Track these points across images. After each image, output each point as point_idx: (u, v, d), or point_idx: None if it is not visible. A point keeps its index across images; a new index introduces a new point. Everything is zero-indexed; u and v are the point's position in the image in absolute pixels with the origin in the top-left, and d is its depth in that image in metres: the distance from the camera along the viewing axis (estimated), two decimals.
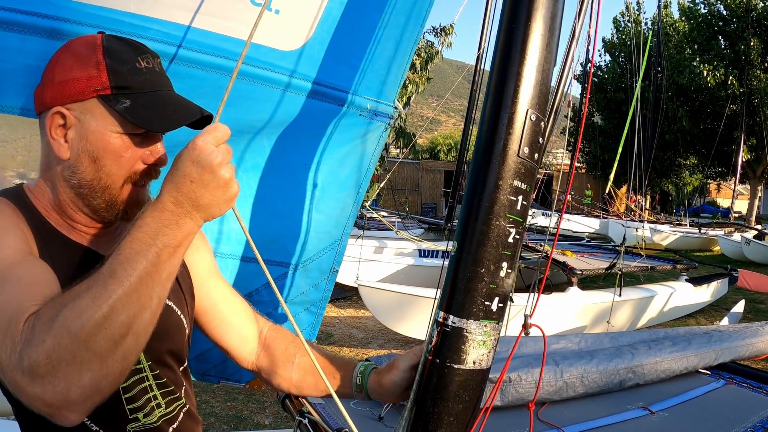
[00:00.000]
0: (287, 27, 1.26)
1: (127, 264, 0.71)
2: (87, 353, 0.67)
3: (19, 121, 1.08)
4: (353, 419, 2.12)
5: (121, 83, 0.86)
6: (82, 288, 0.69)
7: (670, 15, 22.82)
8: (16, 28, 0.98)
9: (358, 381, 1.09)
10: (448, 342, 0.85)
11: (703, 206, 33.10)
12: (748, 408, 2.69)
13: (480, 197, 0.85)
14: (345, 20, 1.34)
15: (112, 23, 1.03)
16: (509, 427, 2.34)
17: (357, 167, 1.57)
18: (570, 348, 3.31)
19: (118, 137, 0.87)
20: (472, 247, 0.85)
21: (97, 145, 0.87)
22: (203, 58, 1.16)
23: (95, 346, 0.67)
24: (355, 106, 1.44)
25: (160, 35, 1.09)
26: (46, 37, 0.99)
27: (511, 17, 0.87)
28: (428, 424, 0.88)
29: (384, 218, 11.14)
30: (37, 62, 0.98)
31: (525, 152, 0.86)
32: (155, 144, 0.92)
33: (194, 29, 1.14)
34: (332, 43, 1.34)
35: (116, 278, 0.70)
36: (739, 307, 6.61)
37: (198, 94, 1.15)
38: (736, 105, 20.05)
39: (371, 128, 1.52)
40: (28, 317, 0.69)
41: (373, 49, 1.41)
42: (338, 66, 1.37)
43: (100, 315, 0.67)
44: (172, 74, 1.10)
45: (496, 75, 0.87)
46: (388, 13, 1.38)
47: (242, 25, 1.19)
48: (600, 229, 16.98)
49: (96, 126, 0.87)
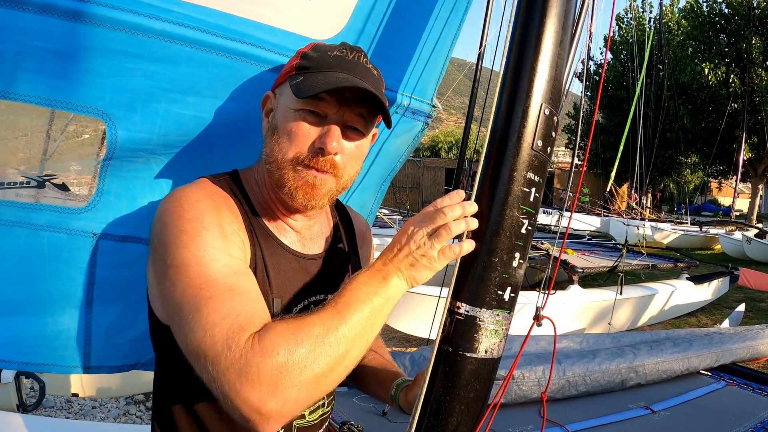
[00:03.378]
0: (321, 15, 1.17)
1: (351, 307, 0.79)
2: (314, 381, 0.73)
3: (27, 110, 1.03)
4: (358, 414, 2.13)
5: (304, 65, 0.95)
6: (317, 324, 0.76)
7: (673, 13, 22.77)
8: (34, 8, 0.91)
9: (392, 392, 1.15)
10: (460, 330, 0.86)
11: (704, 204, 33.08)
12: (748, 409, 2.71)
13: (494, 188, 0.87)
14: (381, 10, 1.24)
15: (123, 2, 0.96)
16: (513, 424, 2.36)
17: (385, 166, 1.48)
18: (572, 347, 3.33)
19: (293, 113, 0.93)
20: (486, 236, 0.86)
21: (279, 119, 0.95)
22: (228, 44, 1.06)
23: (324, 377, 0.74)
24: (396, 104, 1.34)
25: (182, 18, 1.00)
26: (68, 19, 0.93)
27: (527, 14, 0.89)
28: (440, 413, 0.90)
29: (385, 216, 11.15)
30: (56, 46, 0.95)
31: (538, 145, 0.87)
32: (330, 128, 0.92)
33: (219, 13, 1.04)
34: (367, 33, 1.25)
35: (346, 318, 0.77)
36: (740, 308, 6.62)
37: (223, 83, 1.10)
38: (737, 103, 20.05)
39: (407, 127, 1.41)
40: (255, 331, 0.74)
41: (412, 41, 1.31)
42: (373, 58, 1.24)
43: (337, 354, 0.75)
44: (193, 61, 1.05)
45: (512, 70, 0.89)
46: (428, 3, 1.30)
47: (272, 10, 1.10)
48: (601, 227, 16.98)
49: (282, 102, 0.96)
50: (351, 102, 0.92)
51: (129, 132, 1.06)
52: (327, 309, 0.78)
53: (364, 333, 0.79)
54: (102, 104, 1.02)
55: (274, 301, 0.96)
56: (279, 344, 0.71)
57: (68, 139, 1.14)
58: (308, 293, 1.02)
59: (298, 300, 1.00)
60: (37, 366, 1.21)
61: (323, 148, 0.91)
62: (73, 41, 0.96)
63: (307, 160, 0.92)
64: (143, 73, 1.02)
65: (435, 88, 1.43)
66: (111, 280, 1.17)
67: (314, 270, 1.04)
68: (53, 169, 1.11)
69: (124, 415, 3.74)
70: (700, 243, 15.89)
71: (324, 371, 0.73)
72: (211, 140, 1.16)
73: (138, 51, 1.00)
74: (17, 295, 1.13)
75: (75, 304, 1.17)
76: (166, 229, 0.85)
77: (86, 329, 1.20)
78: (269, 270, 0.96)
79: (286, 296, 0.98)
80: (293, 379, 0.70)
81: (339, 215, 1.19)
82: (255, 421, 0.70)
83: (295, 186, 0.93)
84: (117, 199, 1.13)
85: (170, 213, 0.87)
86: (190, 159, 1.16)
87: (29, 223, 1.08)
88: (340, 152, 0.94)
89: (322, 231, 1.10)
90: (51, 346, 1.19)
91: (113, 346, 1.24)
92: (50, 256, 1.11)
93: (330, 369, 0.74)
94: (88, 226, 1.12)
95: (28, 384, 3.39)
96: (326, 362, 0.73)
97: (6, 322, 1.14)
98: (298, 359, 0.71)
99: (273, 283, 0.96)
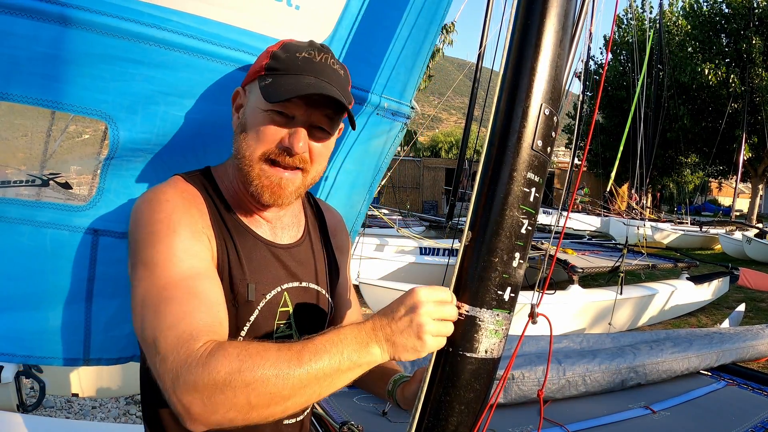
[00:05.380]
0: (307, 23, 1.25)
1: (315, 356, 0.77)
2: (247, 407, 0.75)
3: (31, 111, 1.08)
4: (358, 414, 2.14)
5: (273, 65, 0.97)
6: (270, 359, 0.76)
7: (673, 13, 22.76)
8: (27, 14, 0.96)
9: (389, 388, 1.16)
10: (461, 330, 0.87)
11: (704, 204, 33.08)
12: (748, 409, 2.71)
13: (494, 188, 0.87)
14: (365, 18, 1.32)
15: (128, 12, 1.02)
16: (512, 424, 2.35)
17: (371, 167, 1.56)
18: (572, 347, 3.33)
19: (261, 113, 0.96)
20: (486, 236, 0.87)
21: (248, 118, 0.99)
22: (223, 51, 1.14)
23: (257, 408, 0.75)
24: (373, 105, 1.42)
25: (181, 27, 1.08)
26: (57, 24, 0.98)
27: (527, 14, 0.89)
28: (439, 412, 0.90)
29: (385, 216, 11.16)
30: (48, 50, 0.99)
31: (538, 145, 0.87)
32: (298, 130, 0.96)
33: (215, 22, 1.12)
34: (352, 41, 1.32)
35: (302, 365, 0.76)
36: (740, 308, 6.62)
37: (217, 88, 1.16)
38: (737, 103, 20.04)
39: (388, 128, 1.50)
40: (208, 341, 0.78)
41: (393, 47, 1.39)
42: (358, 64, 1.34)
43: (278, 394, 0.75)
44: (190, 67, 1.11)
45: (511, 70, 0.89)
46: (407, 11, 1.37)
47: (263, 19, 1.18)
48: (601, 227, 16.98)
49: (251, 101, 0.99)
50: (318, 104, 0.96)
51: (130, 132, 1.11)
52: (291, 348, 0.78)
53: (317, 386, 0.78)
54: (105, 107, 1.08)
55: (249, 286, 0.99)
56: (223, 365, 0.74)
57: (69, 139, 1.18)
58: (281, 280, 1.05)
59: (271, 286, 1.03)
60: (38, 359, 1.24)
61: (290, 148, 0.95)
62: (80, 48, 1.02)
63: (275, 156, 0.97)
64: (144, 77, 1.09)
65: (413, 90, 1.52)
66: (110, 276, 1.20)
67: (286, 259, 1.07)
68: (56, 168, 1.14)
69: (124, 415, 3.74)
70: (700, 243, 15.88)
71: (260, 404, 0.75)
72: (206, 140, 1.22)
73: (140, 57, 1.07)
74: (20, 291, 1.16)
75: (75, 299, 1.20)
76: (137, 228, 0.91)
77: (86, 323, 1.23)
78: (242, 258, 0.99)
79: (260, 282, 1.02)
80: (226, 398, 0.73)
81: (311, 208, 1.23)
82: (184, 419, 0.76)
83: (261, 185, 0.98)
84: (117, 197, 1.17)
85: (142, 212, 0.92)
86: (185, 158, 1.21)
87: (33, 220, 1.12)
88: (307, 151, 0.98)
89: (294, 222, 1.14)
90: (52, 340, 1.22)
91: (112, 339, 1.27)
92: (52, 252, 1.14)
93: (266, 405, 0.75)
94: (90, 224, 1.16)
95: (28, 384, 3.39)
96: (264, 398, 0.75)
97: (9, 317, 1.17)
98: (237, 384, 0.73)
99: (247, 270, 1.00)
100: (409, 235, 9.71)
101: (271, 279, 1.04)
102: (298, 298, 1.08)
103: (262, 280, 1.02)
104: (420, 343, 0.81)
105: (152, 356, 0.80)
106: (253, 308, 1.00)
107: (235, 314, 0.98)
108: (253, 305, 1.00)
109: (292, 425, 1.12)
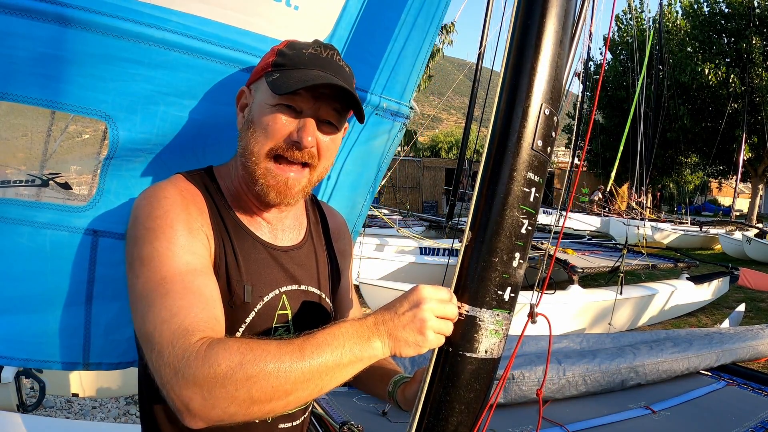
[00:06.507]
0: (306, 24, 1.25)
1: (317, 350, 0.77)
2: (248, 402, 0.74)
3: (31, 111, 1.08)
4: (358, 414, 2.14)
5: (280, 62, 0.98)
6: (272, 352, 0.76)
7: (673, 13, 22.76)
8: (26, 14, 0.97)
9: (390, 389, 1.15)
10: (461, 330, 0.87)
11: (704, 204, 33.08)
12: (748, 409, 2.70)
13: (494, 188, 0.87)
14: (364, 19, 1.33)
15: (127, 12, 1.02)
16: (512, 424, 2.35)
17: (371, 167, 1.56)
18: (572, 347, 3.33)
19: (269, 108, 0.96)
20: (486, 236, 0.87)
21: (255, 114, 0.98)
22: (222, 51, 1.14)
23: (259, 402, 0.75)
24: (372, 105, 1.43)
25: (180, 27, 1.08)
26: (56, 24, 0.98)
27: (527, 14, 0.89)
28: (439, 412, 0.90)
29: (385, 216, 11.16)
30: (47, 50, 0.99)
31: (538, 145, 0.87)
32: (307, 122, 0.96)
33: (214, 23, 1.12)
34: (351, 41, 1.33)
35: (304, 358, 0.76)
36: (740, 308, 6.62)
37: (216, 88, 1.16)
38: (737, 103, 20.03)
39: (387, 128, 1.51)
40: (204, 337, 0.77)
41: (392, 48, 1.40)
42: (357, 64, 1.31)
43: (280, 388, 0.75)
44: (190, 67, 1.11)
45: (511, 69, 0.89)
46: (406, 11, 1.38)
47: (262, 19, 1.18)
48: (601, 227, 16.97)
49: (258, 98, 0.99)
50: (326, 98, 0.96)
51: (129, 132, 1.11)
52: (293, 343, 0.78)
53: (320, 380, 0.78)
54: (105, 107, 1.08)
55: (245, 288, 0.99)
56: (224, 358, 0.73)
57: (69, 139, 1.18)
58: (279, 283, 1.05)
59: (269, 289, 1.03)
60: (38, 363, 1.23)
61: (300, 141, 0.95)
62: (80, 48, 1.02)
63: (283, 151, 0.96)
64: (144, 78, 1.09)
65: (413, 90, 1.52)
66: (110, 278, 1.20)
67: (285, 261, 1.07)
68: (56, 168, 1.14)
69: (124, 415, 3.74)
70: (700, 243, 15.88)
71: (261, 398, 0.74)
72: (206, 140, 1.22)
73: (140, 58, 1.07)
74: (19, 293, 1.15)
75: (75, 301, 1.19)
76: (136, 225, 0.91)
77: (86, 326, 1.22)
78: (240, 259, 0.99)
79: (258, 284, 1.01)
80: (227, 392, 0.73)
81: (314, 210, 1.22)
82: (183, 415, 0.75)
83: (267, 184, 0.97)
84: (117, 198, 1.17)
85: (141, 210, 0.92)
86: (185, 158, 1.21)
87: (32, 221, 1.12)
88: (316, 145, 0.97)
89: (295, 224, 1.13)
90: (52, 343, 1.22)
91: (112, 343, 1.26)
92: (52, 253, 1.14)
93: (268, 399, 0.75)
94: (89, 224, 1.16)
95: (28, 384, 3.39)
96: (266, 392, 0.74)
97: (8, 319, 1.17)
98: (238, 378, 0.73)
99: (243, 271, 0.99)
100: (409, 235, 9.71)
101: (269, 281, 1.03)
102: (297, 302, 1.07)
103: (260, 282, 1.01)
104: (422, 338, 0.82)
105: (148, 350, 0.79)
106: (250, 310, 0.99)
107: (231, 315, 0.97)
108: (249, 307, 0.99)
109: (289, 429, 1.11)
